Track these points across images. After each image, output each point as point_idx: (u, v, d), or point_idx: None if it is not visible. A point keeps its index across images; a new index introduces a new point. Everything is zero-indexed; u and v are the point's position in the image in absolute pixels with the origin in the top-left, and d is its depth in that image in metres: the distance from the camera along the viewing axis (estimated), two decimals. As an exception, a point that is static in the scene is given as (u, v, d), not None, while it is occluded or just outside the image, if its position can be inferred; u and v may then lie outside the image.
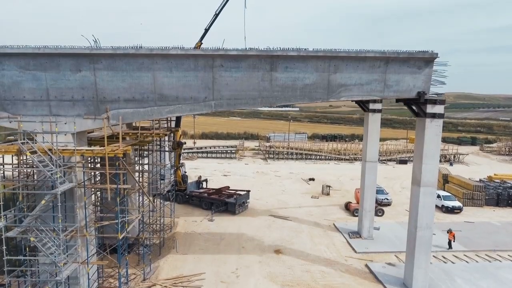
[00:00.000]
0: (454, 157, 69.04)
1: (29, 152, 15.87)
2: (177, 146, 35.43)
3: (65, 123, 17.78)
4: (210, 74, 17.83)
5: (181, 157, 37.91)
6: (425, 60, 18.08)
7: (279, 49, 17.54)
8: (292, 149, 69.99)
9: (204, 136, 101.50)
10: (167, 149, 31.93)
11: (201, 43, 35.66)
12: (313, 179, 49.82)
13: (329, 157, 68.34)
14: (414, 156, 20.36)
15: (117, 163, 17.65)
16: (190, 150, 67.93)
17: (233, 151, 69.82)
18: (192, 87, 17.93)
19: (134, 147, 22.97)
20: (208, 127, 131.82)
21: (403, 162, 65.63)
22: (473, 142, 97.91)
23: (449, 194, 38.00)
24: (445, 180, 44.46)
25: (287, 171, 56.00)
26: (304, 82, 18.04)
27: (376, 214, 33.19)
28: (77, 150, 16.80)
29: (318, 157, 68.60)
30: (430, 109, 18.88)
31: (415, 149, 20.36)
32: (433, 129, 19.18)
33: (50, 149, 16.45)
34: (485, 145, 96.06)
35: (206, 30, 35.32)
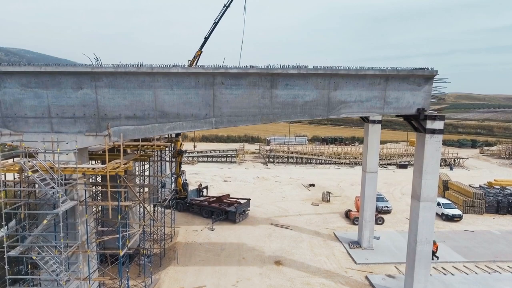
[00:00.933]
0: (454, 161, 69.11)
1: (31, 171, 15.97)
2: (178, 154, 35.56)
3: (67, 143, 17.86)
4: (211, 91, 17.93)
5: (181, 165, 38.02)
6: (425, 77, 18.16)
7: (279, 66, 17.62)
8: (293, 153, 70.06)
9: (204, 139, 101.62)
10: (167, 159, 31.98)
11: (201, 52, 35.80)
12: (313, 185, 49.92)
13: (329, 161, 68.43)
14: (413, 171, 20.44)
15: (118, 181, 17.73)
16: (191, 154, 68.03)
17: (233, 155, 69.92)
18: (193, 104, 18.02)
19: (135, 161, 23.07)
20: (209, 132, 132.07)
21: (403, 166, 65.73)
22: (473, 144, 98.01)
23: (449, 202, 38.08)
24: (445, 186, 44.54)
25: (287, 176, 56.10)
26: (304, 99, 18.13)
27: (376, 223, 33.31)
28: (78, 168, 16.89)
29: (318, 161, 68.70)
30: (429, 125, 18.95)
31: (414, 163, 20.42)
32: (433, 145, 19.25)
33: (51, 167, 16.57)
34: (485, 147, 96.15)
35: (206, 39, 35.46)
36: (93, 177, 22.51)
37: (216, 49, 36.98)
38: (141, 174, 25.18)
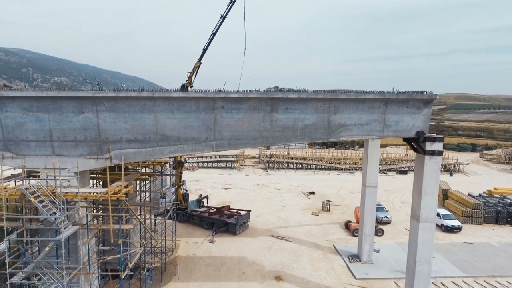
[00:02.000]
0: (454, 166, 69.23)
1: (33, 197, 16.08)
2: (178, 165, 35.68)
3: (68, 170, 17.95)
4: (211, 115, 18.04)
5: (181, 176, 38.16)
6: (424, 101, 18.27)
7: (279, 91, 17.73)
8: (293, 158, 70.18)
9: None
10: (168, 172, 32.09)
11: (200, 63, 35.91)
12: (313, 193, 50.04)
13: (329, 167, 68.54)
14: (413, 191, 20.56)
15: (119, 205, 17.85)
16: (191, 160, 68.17)
17: (233, 161, 70.05)
18: (194, 128, 18.13)
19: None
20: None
21: (403, 172, 65.85)
22: (473, 148, 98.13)
23: (449, 213, 38.18)
24: (444, 195, 44.66)
25: (287, 183, 56.21)
26: (305, 122, 18.24)
27: (376, 234, 33.40)
28: (80, 193, 17.00)
29: (318, 166, 68.81)
30: (429, 146, 19.08)
31: (414, 184, 20.54)
32: (432, 166, 19.37)
33: (53, 192, 16.69)
34: (485, 151, 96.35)
35: (204, 50, 35.56)
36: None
37: (217, 50, 37.18)
38: (142, 190, 25.29)
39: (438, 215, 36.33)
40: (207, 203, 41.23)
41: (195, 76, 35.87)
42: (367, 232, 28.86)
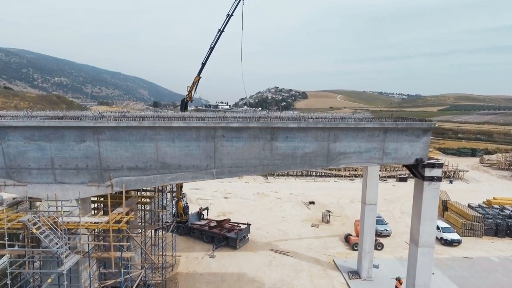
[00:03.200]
0: (454, 173, 69.34)
1: (35, 228, 16.22)
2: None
3: (70, 201, 18.10)
4: (212, 143, 18.17)
5: (182, 188, 38.31)
6: (423, 129, 18.40)
7: (279, 120, 17.86)
8: (293, 165, 70.25)
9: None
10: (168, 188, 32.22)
11: (200, 77, 36.06)
12: (313, 203, 50.19)
13: (329, 174, 68.68)
14: (412, 216, 20.71)
15: (120, 235, 17.98)
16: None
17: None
18: (194, 156, 18.27)
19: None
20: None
21: (403, 179, 65.96)
22: (473, 153, 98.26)
23: (448, 226, 38.32)
24: (444, 206, 44.81)
25: (287, 192, 56.35)
26: (304, 150, 18.37)
27: (376, 248, 33.51)
28: (82, 223, 17.13)
29: (318, 173, 68.95)
30: (428, 172, 19.23)
31: (413, 209, 20.68)
32: (431, 192, 19.52)
33: (55, 222, 16.83)
34: (485, 156, 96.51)
35: (203, 64, 35.74)
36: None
37: (218, 50, 37.37)
38: (143, 209, 25.43)
39: (437, 228, 36.45)
40: (208, 214, 41.36)
41: (195, 90, 36.03)
42: (366, 249, 28.99)
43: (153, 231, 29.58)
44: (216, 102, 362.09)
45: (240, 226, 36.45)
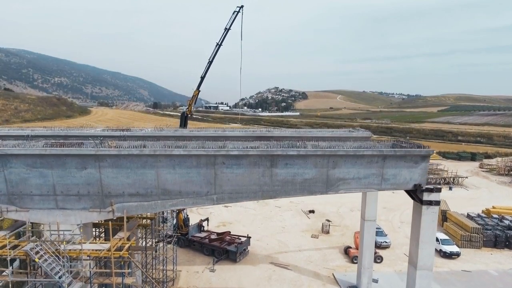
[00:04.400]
0: (454, 180, 69.48)
1: (37, 257, 16.39)
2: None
3: (72, 219, 18.29)
4: (212, 170, 18.34)
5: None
6: (422, 156, 18.56)
7: (279, 148, 18.02)
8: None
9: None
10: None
11: (199, 91, 36.28)
12: (313, 211, 50.37)
13: (329, 180, 68.75)
14: (410, 239, 20.87)
15: (121, 262, 18.16)
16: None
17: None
18: (195, 182, 18.44)
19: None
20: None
21: (402, 186, 65.99)
22: (472, 157, 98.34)
23: (447, 238, 38.48)
24: (444, 216, 44.97)
25: (287, 200, 56.45)
26: (304, 177, 18.54)
27: (375, 261, 33.64)
28: (83, 250, 17.31)
29: (318, 180, 69.01)
30: (426, 196, 19.39)
31: (411, 232, 20.85)
32: (429, 216, 19.69)
33: (57, 250, 17.00)
34: (485, 160, 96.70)
35: (202, 78, 36.04)
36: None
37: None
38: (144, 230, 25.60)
39: (436, 240, 36.62)
40: (208, 225, 41.55)
41: (194, 103, 36.23)
42: (366, 265, 29.18)
43: (153, 244, 29.78)
44: (216, 103, 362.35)
45: (240, 239, 36.62)
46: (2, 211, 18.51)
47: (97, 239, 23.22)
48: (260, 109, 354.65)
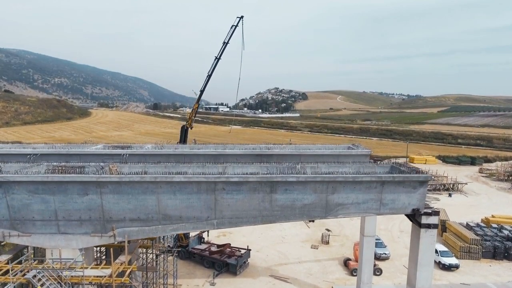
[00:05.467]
0: (453, 186, 69.63)
1: (39, 285, 16.59)
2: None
3: (73, 244, 18.48)
4: (212, 196, 18.52)
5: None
6: (420, 181, 18.73)
7: (278, 174, 18.20)
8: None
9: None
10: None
11: (198, 104, 36.47)
12: (312, 220, 50.48)
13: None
14: (409, 261, 21.06)
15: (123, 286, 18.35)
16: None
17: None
18: (195, 208, 18.62)
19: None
20: (208, 139, 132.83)
21: (402, 193, 66.19)
22: (472, 162, 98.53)
23: (447, 250, 38.63)
24: (443, 226, 45.12)
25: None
26: (303, 202, 18.72)
27: (374, 273, 33.84)
28: (85, 276, 17.50)
29: (318, 186, 69.22)
30: (425, 220, 19.55)
31: (410, 254, 21.03)
32: (427, 239, 19.85)
33: (59, 276, 17.20)
34: (484, 164, 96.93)
35: (202, 92, 36.20)
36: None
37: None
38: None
39: (435, 251, 36.78)
40: (208, 235, 41.72)
41: (194, 116, 36.41)
42: (365, 280, 29.39)
43: (154, 255, 29.99)
44: (216, 104, 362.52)
45: (240, 251, 36.80)
46: (4, 236, 18.71)
47: (98, 261, 23.40)
48: (260, 110, 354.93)
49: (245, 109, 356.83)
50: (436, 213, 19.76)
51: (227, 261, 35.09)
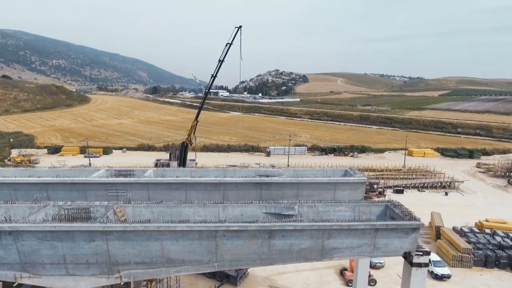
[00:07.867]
0: (450, 184, 70.72)
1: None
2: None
3: (82, 284, 19.49)
4: (213, 242, 19.38)
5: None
6: (413, 228, 19.54)
7: (277, 223, 18.99)
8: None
9: (205, 148, 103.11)
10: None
11: (197, 121, 37.07)
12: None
13: (328, 185, 70.05)
14: (401, 295, 22.15)
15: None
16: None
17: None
18: (197, 252, 19.52)
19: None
20: (208, 129, 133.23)
21: (399, 191, 67.33)
22: (470, 155, 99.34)
23: (439, 259, 39.94)
24: (437, 232, 46.39)
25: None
26: (300, 247, 19.60)
27: (369, 284, 35.30)
28: (94, 320, 18.60)
29: (317, 184, 70.28)
30: (416, 259, 20.52)
31: (402, 288, 22.10)
32: (418, 277, 20.88)
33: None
34: (482, 157, 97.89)
35: (200, 108, 36.68)
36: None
37: (222, 38, 38.61)
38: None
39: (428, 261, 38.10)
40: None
41: (194, 133, 36.95)
42: (360, 295, 30.75)
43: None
44: (216, 88, 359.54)
45: (240, 262, 38.14)
46: (16, 278, 19.70)
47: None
48: (260, 94, 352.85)
49: (245, 93, 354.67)
50: (427, 253, 20.68)
51: (227, 273, 36.47)
